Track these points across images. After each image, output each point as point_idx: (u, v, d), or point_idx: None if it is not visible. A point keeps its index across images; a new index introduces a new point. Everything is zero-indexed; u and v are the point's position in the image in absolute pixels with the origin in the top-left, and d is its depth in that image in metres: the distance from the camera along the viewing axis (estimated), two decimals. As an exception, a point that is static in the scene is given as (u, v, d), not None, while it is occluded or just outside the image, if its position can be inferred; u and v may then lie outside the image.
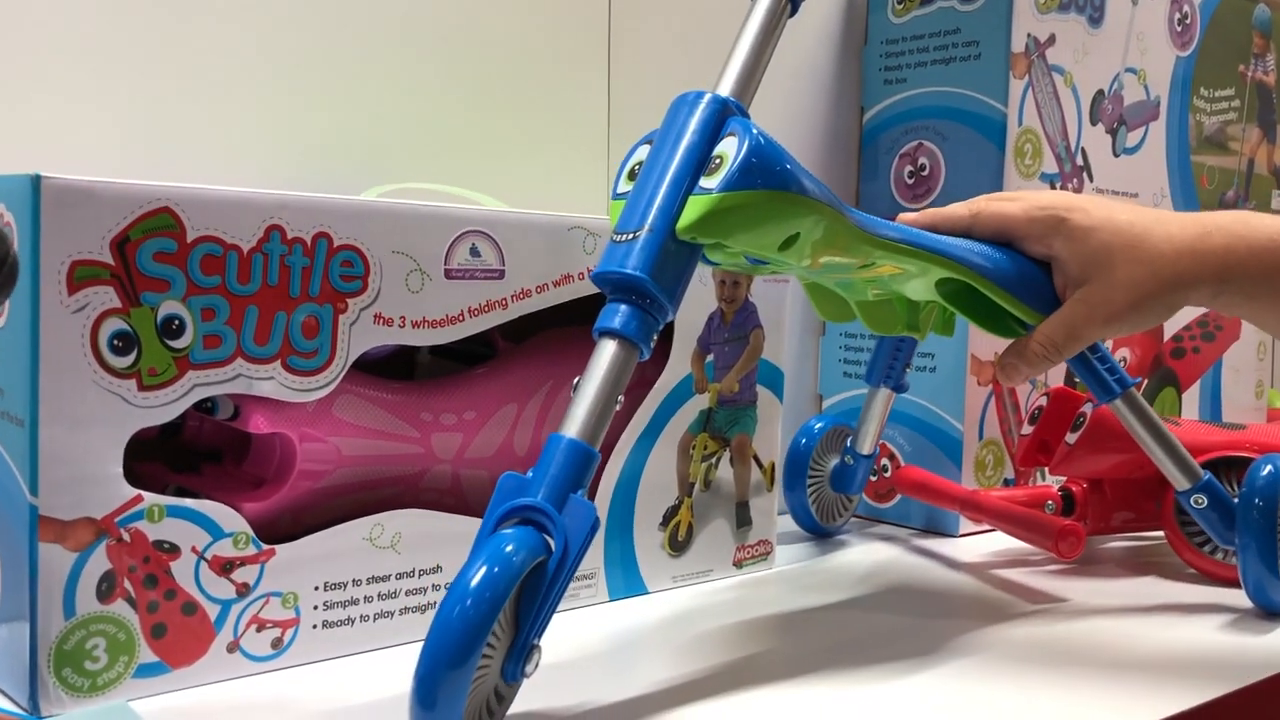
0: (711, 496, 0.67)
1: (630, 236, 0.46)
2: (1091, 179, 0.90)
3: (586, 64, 0.78)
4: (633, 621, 0.61)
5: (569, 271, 0.59)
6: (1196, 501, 0.64)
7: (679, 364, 0.64)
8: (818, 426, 0.81)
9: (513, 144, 0.75)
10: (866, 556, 0.76)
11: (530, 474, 0.45)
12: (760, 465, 0.70)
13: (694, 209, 0.46)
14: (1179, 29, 0.95)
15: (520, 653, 0.43)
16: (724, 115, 0.48)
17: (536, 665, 0.43)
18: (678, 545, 0.66)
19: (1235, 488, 0.69)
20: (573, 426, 0.45)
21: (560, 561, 0.43)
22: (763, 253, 0.49)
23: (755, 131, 0.47)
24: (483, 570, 0.40)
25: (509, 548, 0.41)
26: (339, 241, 0.50)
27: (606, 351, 0.46)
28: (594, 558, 0.62)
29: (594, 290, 0.60)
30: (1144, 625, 0.62)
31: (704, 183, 0.46)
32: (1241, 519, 0.62)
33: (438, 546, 0.55)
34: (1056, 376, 0.87)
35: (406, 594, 0.54)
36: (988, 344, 0.82)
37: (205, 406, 0.51)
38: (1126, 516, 0.76)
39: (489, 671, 0.42)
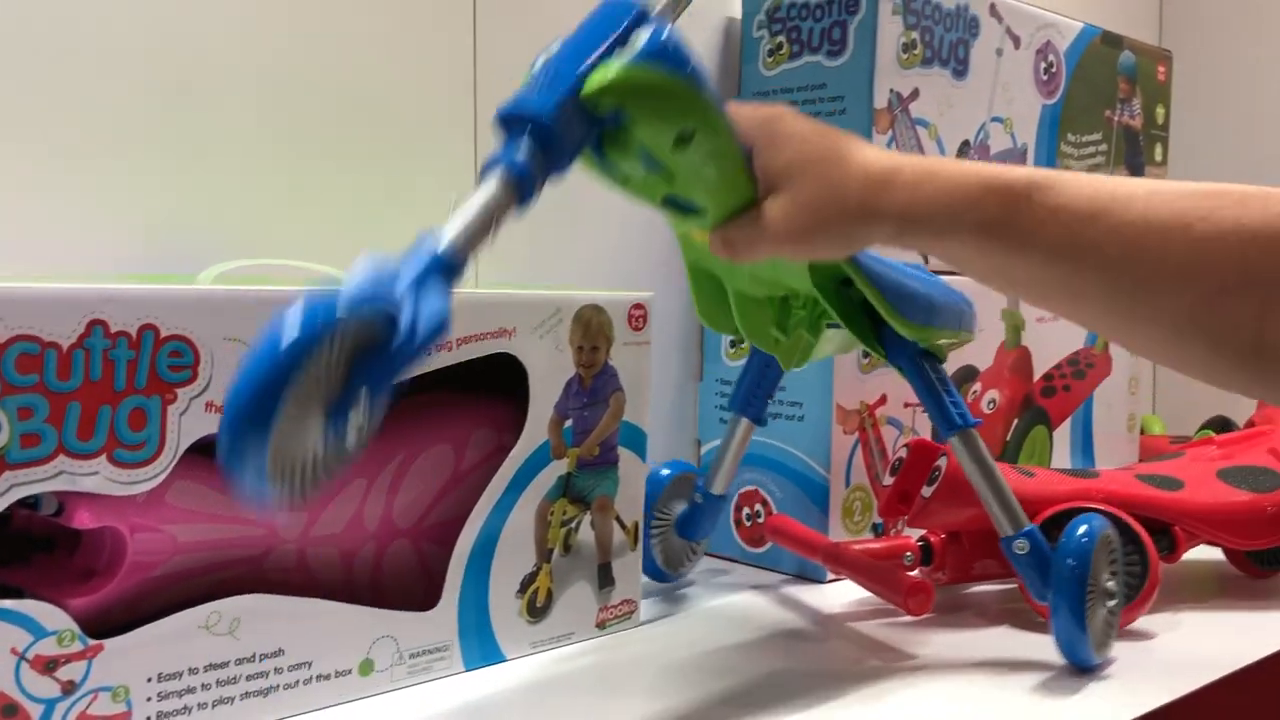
0: (572, 560, 0.68)
1: (540, 85, 0.47)
2: (959, 227, 0.92)
3: (451, 127, 0.78)
4: (489, 691, 0.61)
5: (416, 347, 0.59)
6: (1019, 547, 0.65)
7: (536, 431, 0.65)
8: (664, 473, 0.81)
9: (374, 212, 0.75)
10: (731, 607, 0.77)
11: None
12: (623, 525, 0.71)
13: (603, 73, 0.47)
14: (1045, 77, 0.98)
15: (339, 413, 0.40)
16: (642, 17, 0.49)
17: (359, 441, 0.41)
18: (536, 611, 0.66)
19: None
20: (442, 241, 0.43)
21: (407, 340, 0.40)
22: (658, 149, 0.50)
23: (671, 27, 0.49)
24: (298, 316, 0.38)
25: (336, 303, 0.39)
26: (166, 332, 0.50)
27: (491, 181, 0.46)
28: (447, 629, 0.62)
29: (447, 363, 0.60)
30: (988, 680, 0.63)
31: (616, 57, 0.47)
32: (1055, 576, 0.64)
33: (280, 629, 0.55)
34: (924, 425, 0.89)
35: (247, 679, 0.54)
36: (852, 393, 0.84)
37: (29, 503, 0.50)
38: (985, 566, 0.78)
39: (303, 429, 0.39)
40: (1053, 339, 1.01)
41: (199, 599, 0.53)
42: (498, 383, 0.64)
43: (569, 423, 0.67)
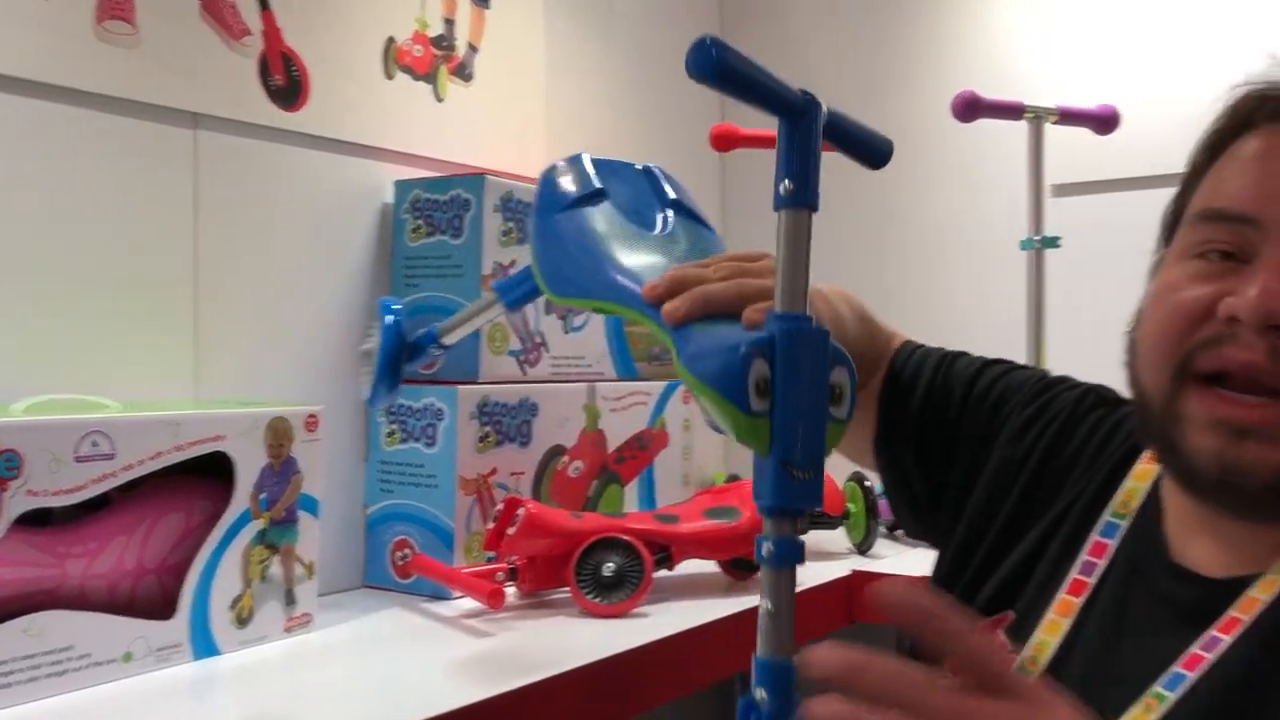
0: (267, 586, 1.02)
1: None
2: (549, 350, 1.34)
3: (172, 286, 1.12)
4: (210, 673, 0.94)
5: (159, 449, 0.93)
6: None
7: (241, 501, 0.99)
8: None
9: (116, 348, 1.08)
10: (387, 617, 1.14)
11: None
12: (303, 563, 1.06)
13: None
14: (610, 244, 1.42)
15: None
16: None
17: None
18: (242, 620, 1.00)
19: (614, 558, 1.13)
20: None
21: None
22: None
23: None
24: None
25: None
26: (2, 446, 0.82)
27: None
28: (181, 632, 0.95)
29: (179, 459, 0.94)
30: (522, 649, 1.03)
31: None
32: None
33: (69, 633, 0.87)
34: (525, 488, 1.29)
35: (50, 665, 0.86)
36: (471, 468, 1.23)
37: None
38: (555, 578, 1.18)
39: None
40: (622, 423, 1.44)
41: (19, 614, 0.84)
42: (213, 469, 0.98)
43: (263, 495, 1.01)
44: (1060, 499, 0.77)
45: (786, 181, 0.55)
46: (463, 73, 1.42)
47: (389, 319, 0.86)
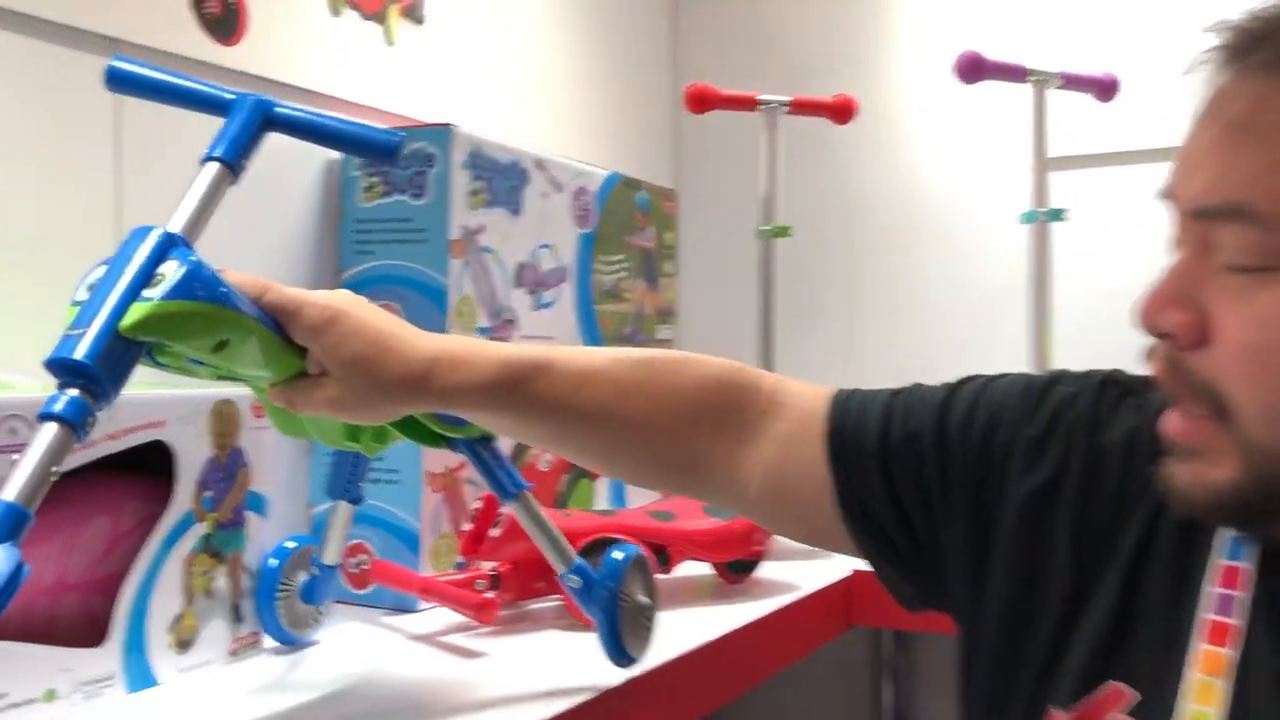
0: (213, 602, 0.85)
1: (81, 331, 0.56)
2: (519, 328, 1.18)
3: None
4: (147, 709, 0.77)
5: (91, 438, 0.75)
6: (571, 581, 0.84)
7: (183, 501, 0.82)
8: (289, 546, 0.92)
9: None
10: (341, 635, 0.97)
11: None
12: (250, 573, 0.89)
13: (136, 312, 0.57)
14: (580, 213, 1.28)
15: None
16: (169, 245, 0.59)
17: None
18: (184, 643, 0.83)
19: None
20: (10, 491, 0.53)
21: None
22: (199, 354, 0.60)
23: (195, 258, 0.59)
24: None
25: None
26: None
27: (48, 433, 0.54)
28: (112, 661, 0.77)
29: (115, 449, 0.76)
30: (534, 669, 0.88)
31: (146, 293, 0.57)
32: (595, 594, 0.82)
33: (-25, 668, 0.69)
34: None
35: (-52, 710, 0.67)
36: (439, 460, 1.07)
37: None
38: (540, 585, 1.03)
39: None
40: (593, 412, 1.29)
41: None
42: (145, 463, 0.81)
43: (208, 493, 0.84)
44: (1134, 520, 0.62)
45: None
46: (414, 14, 1.26)
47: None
